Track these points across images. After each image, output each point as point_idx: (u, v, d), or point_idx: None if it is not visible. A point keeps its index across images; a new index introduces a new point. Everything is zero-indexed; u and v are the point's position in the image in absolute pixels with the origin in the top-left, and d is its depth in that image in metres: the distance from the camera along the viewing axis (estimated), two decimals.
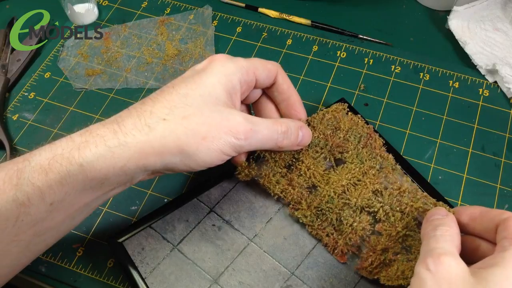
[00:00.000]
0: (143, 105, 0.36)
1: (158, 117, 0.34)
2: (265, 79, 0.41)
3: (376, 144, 0.45)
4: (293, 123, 0.41)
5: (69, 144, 0.34)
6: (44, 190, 0.33)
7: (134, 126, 0.34)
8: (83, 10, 0.59)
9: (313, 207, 0.42)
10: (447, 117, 0.51)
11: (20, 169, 0.33)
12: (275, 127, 0.39)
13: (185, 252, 0.42)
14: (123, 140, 0.34)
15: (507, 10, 0.57)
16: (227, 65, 0.38)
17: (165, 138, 0.34)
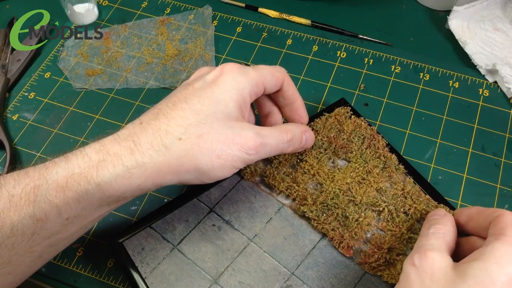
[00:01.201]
0: (157, 121, 0.36)
1: (174, 137, 0.35)
2: (273, 87, 0.41)
3: (379, 144, 0.46)
4: (298, 129, 0.42)
5: (86, 162, 0.34)
6: (61, 206, 0.34)
7: (150, 145, 0.35)
8: (83, 10, 0.59)
9: (319, 203, 0.43)
10: (447, 117, 0.51)
11: (37, 186, 0.34)
12: (282, 136, 0.40)
13: (185, 252, 0.42)
14: (141, 160, 0.34)
15: (507, 10, 0.57)
16: (239, 79, 0.38)
17: (181, 158, 0.35)
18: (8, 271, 0.34)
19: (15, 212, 0.33)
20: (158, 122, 0.36)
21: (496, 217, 0.34)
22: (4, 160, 0.49)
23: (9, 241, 0.33)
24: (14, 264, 0.34)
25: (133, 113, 0.53)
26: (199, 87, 0.38)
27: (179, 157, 0.35)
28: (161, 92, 0.54)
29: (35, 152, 0.50)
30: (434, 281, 0.31)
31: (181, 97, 0.37)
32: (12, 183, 0.34)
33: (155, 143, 0.35)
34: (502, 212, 0.34)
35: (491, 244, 0.32)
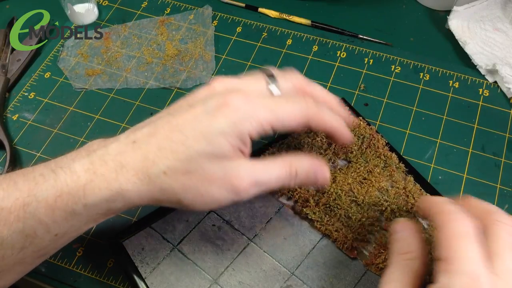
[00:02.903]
0: (148, 146, 0.34)
1: (160, 169, 0.34)
2: (287, 129, 0.36)
3: (379, 144, 0.46)
4: (308, 164, 0.37)
5: (74, 181, 0.34)
6: (50, 224, 0.34)
7: (135, 172, 0.34)
8: (83, 10, 0.59)
9: (321, 204, 0.43)
10: (447, 117, 0.51)
11: (27, 203, 0.34)
12: (281, 172, 0.36)
13: (185, 252, 0.42)
14: (125, 187, 0.34)
15: (507, 10, 0.57)
16: (241, 119, 0.34)
17: (164, 191, 0.34)
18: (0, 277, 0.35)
19: (5, 227, 0.33)
20: (150, 147, 0.34)
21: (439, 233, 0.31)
22: (4, 160, 0.50)
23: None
24: (5, 272, 0.35)
25: (133, 113, 0.53)
26: (197, 115, 0.35)
27: (162, 189, 0.34)
28: (161, 92, 0.54)
29: (35, 152, 0.50)
30: None
31: (179, 123, 0.35)
32: (1, 194, 0.34)
33: (140, 172, 0.34)
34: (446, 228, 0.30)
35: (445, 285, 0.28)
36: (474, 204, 0.33)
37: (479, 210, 0.32)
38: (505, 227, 0.30)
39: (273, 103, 0.35)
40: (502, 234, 0.30)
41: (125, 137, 0.36)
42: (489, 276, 0.28)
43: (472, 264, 0.28)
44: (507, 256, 0.29)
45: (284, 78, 0.38)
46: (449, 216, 0.31)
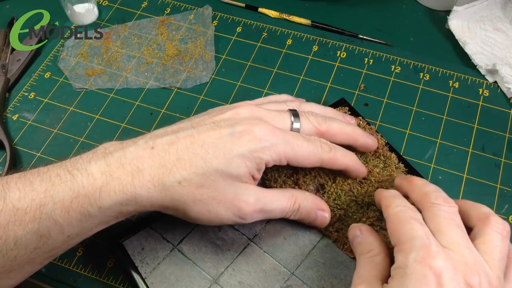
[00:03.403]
0: (167, 155, 0.36)
1: (175, 179, 0.35)
2: (300, 165, 0.39)
3: (379, 144, 0.46)
4: (311, 203, 0.40)
5: (91, 183, 0.35)
6: (64, 226, 0.35)
7: (151, 178, 0.35)
8: (83, 10, 0.59)
9: None
10: (447, 117, 0.51)
11: (43, 204, 0.34)
12: (286, 205, 0.39)
13: (185, 252, 0.42)
14: (139, 192, 0.35)
15: (507, 10, 0.57)
16: (263, 148, 0.36)
17: (175, 200, 0.36)
18: (9, 277, 0.35)
19: (20, 227, 0.34)
20: (168, 156, 0.36)
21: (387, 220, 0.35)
22: (4, 160, 0.50)
23: (12, 253, 0.34)
24: (16, 272, 0.35)
25: (133, 113, 0.53)
26: (222, 135, 0.36)
27: (173, 199, 0.36)
28: (161, 92, 0.54)
29: (35, 152, 0.50)
30: None
31: (202, 138, 0.36)
32: (17, 194, 0.34)
33: (156, 179, 0.35)
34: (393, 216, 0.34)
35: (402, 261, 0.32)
36: (416, 185, 0.37)
37: (420, 193, 0.36)
38: (440, 207, 0.34)
39: (293, 140, 0.38)
40: (439, 213, 0.34)
41: (143, 142, 0.37)
42: (439, 246, 0.32)
43: (420, 240, 0.32)
44: (448, 230, 0.33)
45: (306, 118, 0.41)
46: (392, 209, 0.35)
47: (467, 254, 0.32)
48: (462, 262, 0.31)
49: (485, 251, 0.33)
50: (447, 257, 0.31)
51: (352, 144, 0.43)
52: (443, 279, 0.30)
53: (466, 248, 0.32)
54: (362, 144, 0.43)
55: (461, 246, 0.32)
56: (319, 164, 0.40)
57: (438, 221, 0.33)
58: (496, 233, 0.33)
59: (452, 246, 0.32)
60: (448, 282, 0.30)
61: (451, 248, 0.32)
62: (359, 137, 0.43)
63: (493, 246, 0.33)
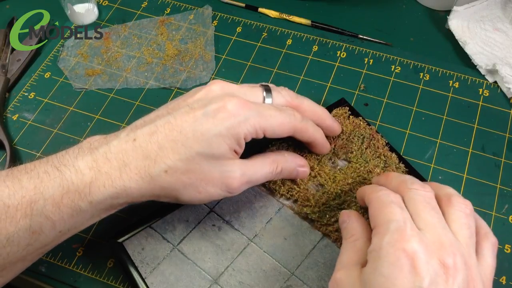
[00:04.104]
0: (150, 145, 0.36)
1: (161, 168, 0.36)
2: (276, 135, 0.40)
3: (379, 144, 0.46)
4: (292, 162, 0.42)
5: (79, 179, 0.35)
6: (56, 221, 0.35)
7: (138, 171, 0.36)
8: (83, 10, 0.59)
9: (321, 204, 0.43)
10: (447, 117, 0.51)
11: (34, 201, 0.35)
12: (269, 169, 0.40)
13: (185, 252, 0.42)
14: (128, 185, 0.36)
15: (507, 10, 0.57)
16: (238, 123, 0.37)
17: (164, 188, 0.37)
18: (1, 275, 0.36)
19: (11, 224, 0.34)
20: (150, 147, 0.36)
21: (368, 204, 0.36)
22: (4, 160, 0.50)
23: (4, 250, 0.34)
24: (7, 270, 0.36)
25: (133, 113, 0.53)
26: (197, 117, 0.37)
27: (162, 187, 0.37)
28: (161, 92, 0.54)
29: (35, 152, 0.50)
30: None
31: (179, 124, 0.37)
32: (6, 192, 0.34)
33: (142, 171, 0.36)
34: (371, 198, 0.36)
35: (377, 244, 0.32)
36: (393, 176, 0.38)
37: (397, 182, 0.37)
38: (416, 191, 0.35)
39: (266, 111, 0.38)
40: (415, 197, 0.35)
41: (125, 135, 0.37)
42: (414, 229, 0.32)
43: (396, 223, 0.32)
44: (424, 212, 0.33)
45: (278, 92, 0.41)
46: (375, 194, 0.36)
47: (443, 235, 0.32)
48: (437, 243, 0.31)
49: (453, 231, 0.33)
50: (421, 239, 0.31)
51: (320, 123, 0.43)
52: (416, 262, 0.30)
53: (441, 229, 0.32)
54: (329, 126, 0.44)
55: (436, 227, 0.32)
56: (292, 132, 0.40)
57: (415, 204, 0.34)
58: (460, 212, 0.34)
59: (427, 228, 0.32)
60: (422, 265, 0.30)
61: (426, 230, 0.32)
62: (327, 118, 0.44)
63: (460, 225, 0.34)
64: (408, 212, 0.34)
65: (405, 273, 0.30)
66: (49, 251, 0.43)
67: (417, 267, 0.30)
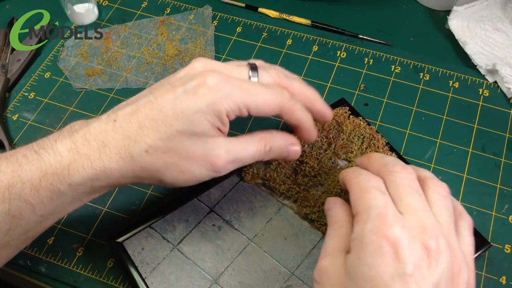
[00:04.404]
0: (130, 125, 0.35)
1: (141, 148, 0.35)
2: (261, 113, 0.37)
3: (379, 143, 0.46)
4: (282, 140, 0.40)
5: (58, 161, 0.35)
6: (35, 205, 0.35)
7: (118, 151, 0.35)
8: (83, 10, 0.59)
9: (321, 204, 0.43)
10: (447, 117, 0.51)
11: (12, 184, 0.34)
12: (257, 148, 0.38)
13: (185, 252, 0.42)
14: (108, 166, 0.35)
15: (507, 10, 0.57)
16: (219, 99, 0.35)
17: (146, 169, 0.35)
18: None
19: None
20: (131, 126, 0.35)
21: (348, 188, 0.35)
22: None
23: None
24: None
25: None
26: (177, 95, 0.35)
27: (144, 168, 0.35)
28: None
29: None
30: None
31: (159, 102, 0.36)
32: None
33: (122, 151, 0.35)
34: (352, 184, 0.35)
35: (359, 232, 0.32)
36: (375, 158, 0.37)
37: (379, 165, 0.36)
38: (398, 174, 0.34)
39: (250, 87, 0.36)
40: (397, 180, 0.34)
41: (106, 116, 0.37)
42: (395, 215, 0.31)
43: (378, 209, 0.32)
44: (406, 196, 0.33)
45: (265, 71, 0.39)
46: (355, 179, 0.35)
47: (425, 218, 0.32)
48: (420, 226, 0.31)
49: (434, 213, 0.33)
50: (403, 225, 0.31)
51: (310, 107, 0.40)
52: (399, 248, 0.30)
53: (424, 212, 0.32)
54: (319, 110, 0.41)
55: (419, 210, 0.32)
56: (278, 111, 0.38)
57: (397, 188, 0.33)
58: (437, 194, 0.34)
59: (410, 212, 0.32)
60: (405, 250, 0.30)
61: (409, 214, 0.32)
62: (318, 102, 0.41)
63: (439, 207, 0.33)
64: (389, 196, 0.33)
65: (388, 260, 0.30)
66: (49, 251, 0.43)
67: (400, 253, 0.30)
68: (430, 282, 0.30)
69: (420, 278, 0.29)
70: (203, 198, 0.44)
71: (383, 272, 0.30)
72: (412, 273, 0.29)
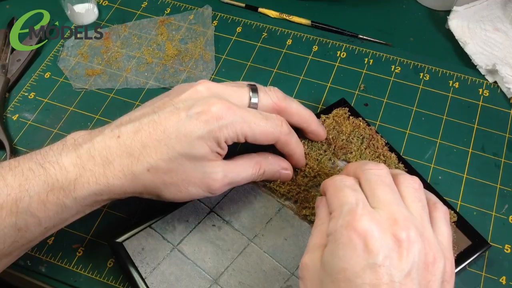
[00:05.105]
0: (133, 143, 0.37)
1: (144, 167, 0.37)
2: (257, 141, 0.40)
3: (378, 144, 0.46)
4: (275, 165, 0.42)
5: (64, 175, 0.36)
6: (41, 218, 0.36)
7: (121, 168, 0.37)
8: (83, 10, 0.59)
9: None
10: (447, 117, 0.51)
11: (19, 198, 0.35)
12: (252, 171, 0.41)
13: (185, 252, 0.42)
14: (111, 182, 0.36)
15: (507, 10, 0.57)
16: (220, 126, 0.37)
17: (146, 186, 0.37)
18: None
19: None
20: (134, 145, 0.37)
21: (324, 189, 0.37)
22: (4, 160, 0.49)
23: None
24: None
25: None
26: (181, 118, 0.37)
27: (144, 185, 0.37)
28: (161, 92, 0.53)
29: None
30: (314, 284, 0.33)
31: (163, 123, 0.37)
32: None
33: (126, 169, 0.37)
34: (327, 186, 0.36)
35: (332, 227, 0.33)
36: (351, 165, 0.38)
37: (354, 168, 0.37)
38: (371, 171, 0.36)
39: (251, 117, 0.39)
40: (370, 176, 0.35)
41: (110, 131, 0.38)
42: (365, 209, 0.32)
43: (349, 205, 0.33)
44: (378, 191, 0.34)
45: (265, 93, 0.41)
46: (330, 180, 0.37)
47: (396, 211, 0.32)
48: (391, 219, 0.32)
49: (407, 206, 0.34)
50: (372, 217, 0.32)
51: (305, 127, 0.44)
52: (369, 240, 0.31)
53: (395, 205, 0.33)
54: (314, 130, 0.44)
55: (390, 203, 0.33)
56: (274, 142, 0.41)
57: (370, 184, 0.35)
58: (409, 187, 0.35)
59: (381, 206, 0.33)
60: (375, 242, 0.31)
61: (380, 208, 0.33)
62: (313, 123, 0.44)
63: (412, 199, 0.34)
64: (363, 193, 0.34)
65: (359, 252, 0.31)
66: (49, 251, 0.43)
67: (370, 244, 0.30)
68: (401, 271, 0.30)
69: (391, 267, 0.30)
70: (203, 199, 0.44)
71: (354, 264, 0.30)
72: (383, 263, 0.30)
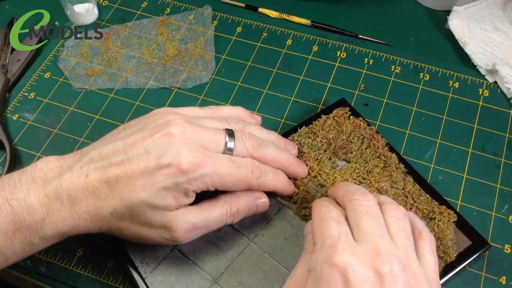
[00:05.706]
0: (100, 184, 0.37)
1: (108, 210, 0.37)
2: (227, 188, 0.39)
3: (379, 144, 0.46)
4: (247, 198, 0.40)
5: (31, 215, 0.36)
6: (8, 255, 0.37)
7: (87, 209, 0.37)
8: (83, 10, 0.59)
9: None
10: (447, 117, 0.51)
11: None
12: (221, 213, 0.39)
13: (185, 252, 0.42)
14: (78, 223, 0.37)
15: (507, 10, 0.57)
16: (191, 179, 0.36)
17: (110, 227, 0.38)
18: None
19: None
20: (101, 186, 0.37)
21: None
22: (4, 160, 0.50)
23: None
24: None
25: (133, 113, 0.53)
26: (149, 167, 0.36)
27: (109, 227, 0.38)
28: (161, 92, 0.54)
29: (35, 152, 0.50)
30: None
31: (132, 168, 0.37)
32: None
33: (91, 211, 0.37)
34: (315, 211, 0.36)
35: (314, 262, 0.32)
36: (340, 187, 0.38)
37: (342, 193, 0.37)
38: (357, 202, 0.35)
39: (223, 168, 0.38)
40: (356, 208, 0.35)
41: (79, 168, 0.38)
42: (347, 243, 0.32)
43: (331, 238, 0.32)
44: (363, 222, 0.33)
45: (241, 143, 0.40)
46: (317, 210, 0.36)
47: (380, 243, 0.32)
48: (374, 252, 0.31)
49: (391, 237, 0.33)
50: (353, 251, 0.31)
51: (284, 171, 0.43)
52: (349, 275, 0.30)
53: (379, 237, 0.32)
54: (292, 173, 0.43)
55: (374, 236, 0.32)
56: (246, 188, 0.40)
57: (355, 215, 0.34)
58: (392, 218, 0.34)
59: (365, 238, 0.32)
60: (355, 276, 0.30)
61: (364, 240, 0.32)
62: (290, 166, 0.43)
63: (396, 229, 0.34)
64: (347, 225, 0.34)
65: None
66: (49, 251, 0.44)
67: (350, 280, 0.30)
68: None
69: None
70: None
71: None
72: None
